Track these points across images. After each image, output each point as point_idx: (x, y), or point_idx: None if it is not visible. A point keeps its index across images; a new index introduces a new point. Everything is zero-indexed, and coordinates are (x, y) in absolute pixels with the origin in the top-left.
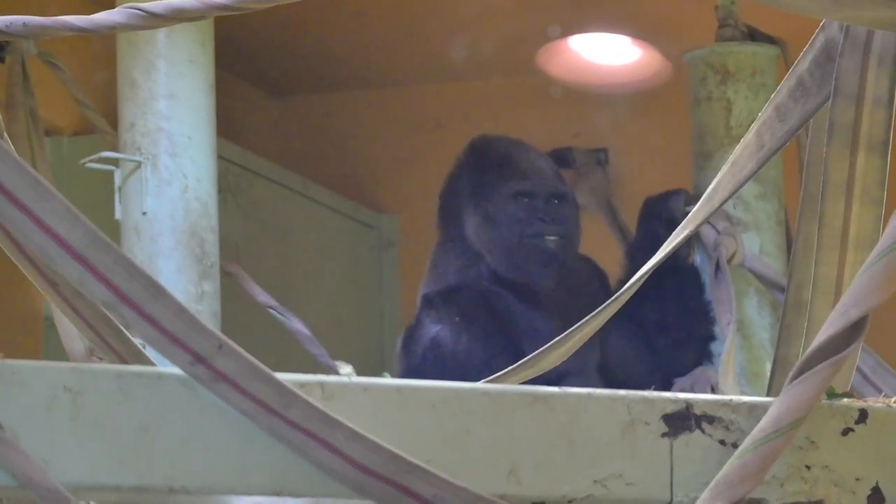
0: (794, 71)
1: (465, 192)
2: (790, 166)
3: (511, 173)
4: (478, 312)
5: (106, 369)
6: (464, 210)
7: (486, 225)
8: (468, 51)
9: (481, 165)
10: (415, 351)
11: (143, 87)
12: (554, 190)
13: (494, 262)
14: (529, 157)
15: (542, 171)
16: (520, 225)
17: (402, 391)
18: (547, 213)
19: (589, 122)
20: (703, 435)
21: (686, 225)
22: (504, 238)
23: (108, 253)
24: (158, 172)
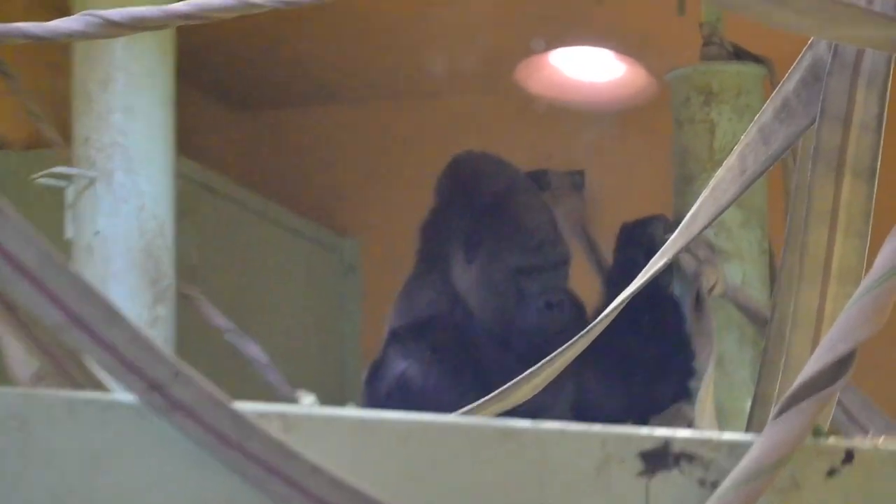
0: (779, 91)
1: (455, 237)
2: (775, 192)
3: (513, 236)
4: (448, 348)
5: (56, 396)
6: (452, 255)
7: (480, 288)
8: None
9: (475, 209)
10: (380, 388)
11: (98, 99)
12: (559, 258)
13: (482, 319)
14: (531, 213)
15: (546, 233)
16: (523, 312)
17: (367, 423)
18: (552, 298)
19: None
20: (681, 474)
21: (664, 252)
22: (502, 316)
23: (61, 274)
24: (113, 190)
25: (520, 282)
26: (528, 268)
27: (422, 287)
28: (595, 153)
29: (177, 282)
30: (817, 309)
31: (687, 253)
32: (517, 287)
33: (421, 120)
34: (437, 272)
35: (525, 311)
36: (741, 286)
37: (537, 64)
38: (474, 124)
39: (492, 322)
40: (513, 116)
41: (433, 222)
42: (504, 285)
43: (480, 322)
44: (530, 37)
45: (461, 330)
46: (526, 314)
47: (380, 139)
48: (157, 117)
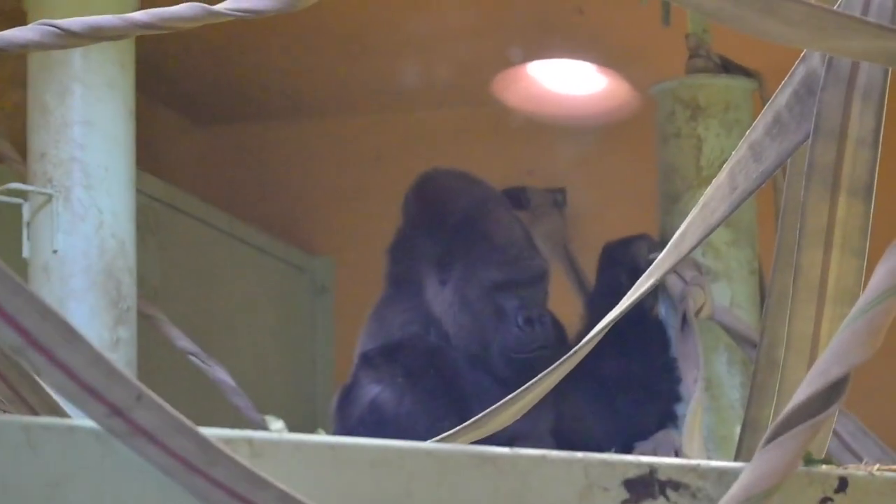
0: (771, 106)
1: (426, 258)
2: (765, 210)
3: (487, 252)
4: (422, 373)
5: (11, 420)
6: (423, 277)
7: (456, 309)
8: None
9: (445, 228)
10: (351, 413)
11: (55, 112)
12: (536, 272)
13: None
14: (504, 228)
15: (521, 247)
16: (503, 330)
17: (337, 449)
18: (532, 314)
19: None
20: (667, 503)
21: (651, 273)
22: (481, 336)
23: (17, 293)
24: (71, 207)
25: (497, 299)
26: (504, 283)
27: (393, 310)
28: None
29: (138, 302)
30: (812, 332)
31: (673, 274)
32: (495, 305)
33: (394, 134)
34: (408, 294)
35: (504, 328)
36: (729, 308)
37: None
38: (450, 139)
39: (470, 344)
40: (490, 131)
41: (402, 243)
42: (481, 304)
43: (457, 345)
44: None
45: (436, 353)
46: (505, 332)
47: (352, 154)
48: (116, 131)
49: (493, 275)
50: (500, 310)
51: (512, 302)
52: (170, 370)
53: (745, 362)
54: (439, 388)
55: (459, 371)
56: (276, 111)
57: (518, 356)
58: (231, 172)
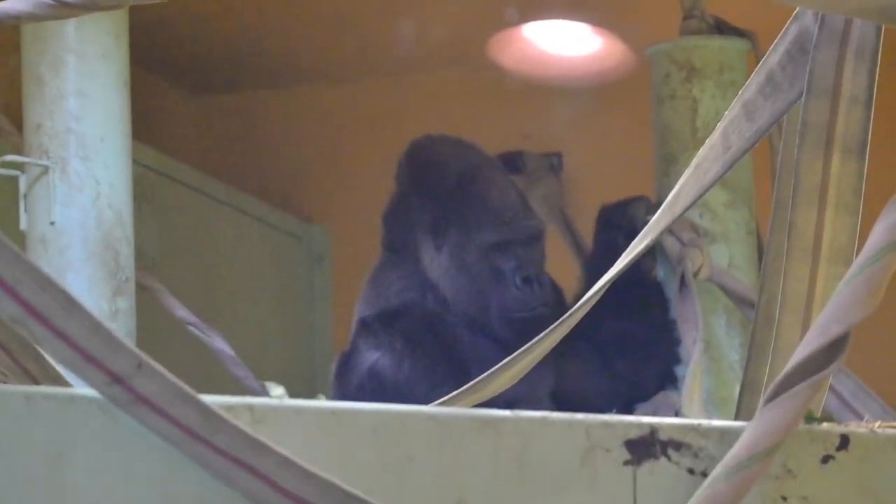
0: (763, 65)
1: (421, 224)
2: (762, 171)
3: (482, 215)
4: (421, 338)
5: (13, 391)
6: (420, 241)
7: (453, 273)
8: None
9: (438, 193)
10: (350, 380)
11: (50, 84)
12: (532, 232)
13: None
14: (498, 189)
15: (516, 207)
16: (501, 291)
17: (338, 414)
18: (529, 273)
19: (541, 122)
20: (669, 463)
21: (646, 234)
22: (479, 299)
23: (16, 264)
24: (68, 178)
25: (494, 260)
26: (500, 244)
27: (390, 276)
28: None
29: (136, 273)
30: (807, 290)
31: (671, 235)
32: (492, 266)
33: (389, 100)
34: (404, 261)
35: (502, 289)
36: (727, 269)
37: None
38: (445, 103)
39: (468, 307)
40: (485, 95)
41: (396, 210)
42: (478, 266)
43: (455, 309)
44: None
45: (434, 319)
46: (504, 293)
47: (346, 121)
48: (111, 102)
49: (489, 236)
50: (498, 271)
51: (509, 263)
52: (169, 341)
53: (743, 323)
54: (437, 353)
55: (458, 336)
56: (270, 79)
57: (517, 316)
58: (227, 141)
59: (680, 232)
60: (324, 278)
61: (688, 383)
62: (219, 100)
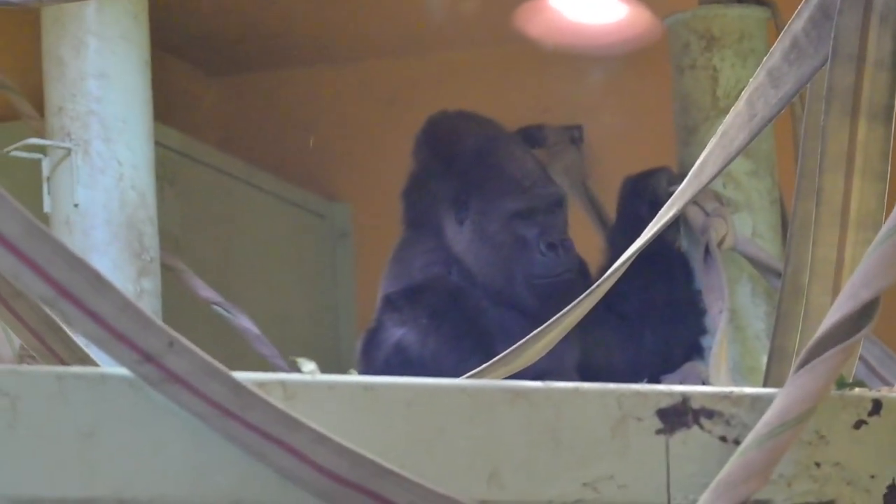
0: (787, 31)
1: (442, 200)
2: (783, 140)
3: (502, 184)
4: (446, 313)
5: (46, 371)
6: (441, 216)
7: (477, 245)
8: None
9: (458, 167)
10: (377, 356)
11: (71, 66)
12: (553, 198)
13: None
14: (516, 159)
15: (534, 174)
16: (526, 259)
17: (370, 389)
18: (553, 238)
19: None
20: (701, 431)
21: (672, 205)
22: (504, 269)
23: (45, 243)
24: (90, 160)
25: (517, 229)
26: (523, 211)
27: (413, 252)
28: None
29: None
30: (836, 257)
31: (694, 205)
32: (515, 234)
33: (410, 76)
34: (427, 236)
35: (527, 256)
36: (752, 238)
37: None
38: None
39: (493, 278)
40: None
41: (416, 187)
42: (501, 235)
43: (481, 282)
44: None
45: (458, 293)
46: (529, 259)
47: (367, 98)
48: (132, 83)
49: (511, 204)
50: (522, 238)
51: (532, 230)
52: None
53: (768, 292)
54: (463, 327)
55: (483, 309)
56: (291, 58)
57: (543, 282)
58: (248, 121)
59: (703, 202)
60: (347, 255)
61: (714, 353)
62: (239, 79)
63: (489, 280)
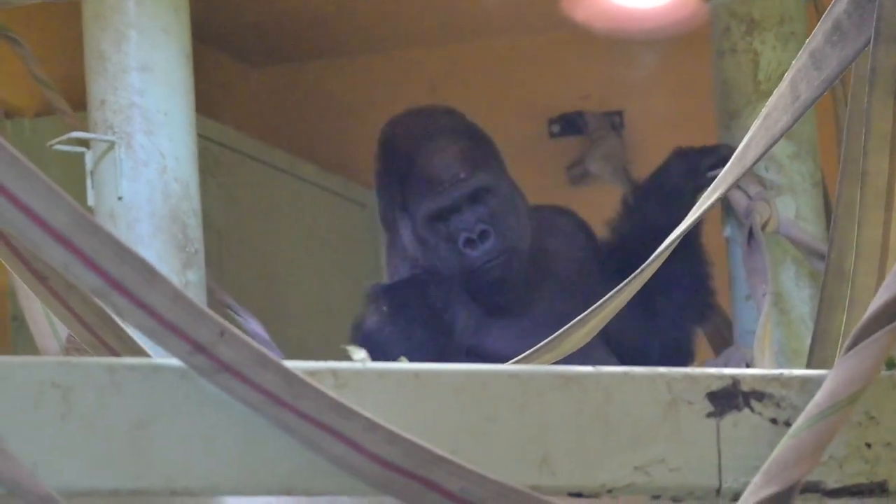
0: (829, 13)
1: (394, 203)
2: (825, 123)
3: (419, 186)
4: (405, 302)
5: (97, 362)
6: (398, 220)
7: (419, 248)
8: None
9: (397, 168)
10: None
11: (112, 59)
12: (463, 193)
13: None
14: (435, 158)
15: (447, 173)
16: (451, 261)
17: (420, 376)
18: (468, 234)
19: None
20: (752, 413)
21: (715, 188)
22: (446, 270)
23: (95, 235)
24: (133, 153)
25: (437, 230)
26: (435, 213)
27: (391, 254)
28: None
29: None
30: (881, 238)
31: (737, 189)
32: (437, 236)
33: (449, 65)
34: (395, 238)
35: (453, 255)
36: (795, 221)
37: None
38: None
39: (441, 276)
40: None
41: (377, 191)
42: (429, 238)
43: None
44: None
45: (424, 284)
46: (455, 258)
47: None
48: (174, 76)
49: (425, 208)
50: (444, 238)
51: (450, 228)
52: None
53: (812, 275)
54: (420, 318)
55: (443, 303)
56: (329, 49)
57: (473, 276)
58: (288, 112)
59: (746, 185)
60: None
61: (758, 336)
62: (280, 70)
63: (441, 276)
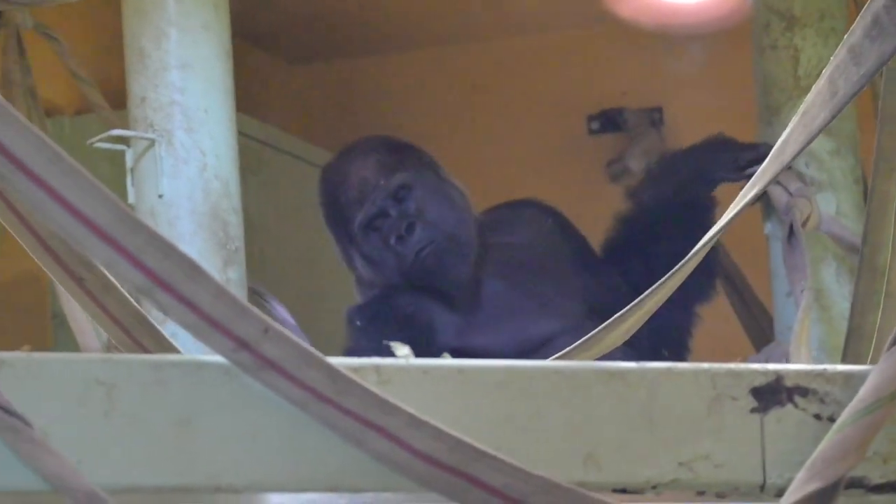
0: (868, 8)
1: (344, 238)
2: (865, 120)
3: (351, 210)
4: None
5: (141, 359)
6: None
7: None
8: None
9: (333, 206)
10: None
11: (153, 57)
12: (383, 195)
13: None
14: (350, 178)
15: (366, 182)
16: (393, 265)
17: (464, 372)
18: (399, 229)
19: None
20: (796, 409)
21: (754, 184)
22: (388, 275)
23: (138, 232)
24: (174, 150)
25: (376, 240)
26: (364, 223)
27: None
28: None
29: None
30: None
31: (777, 186)
32: (378, 245)
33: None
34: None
35: (392, 257)
36: (835, 217)
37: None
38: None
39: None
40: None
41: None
42: (374, 253)
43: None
44: None
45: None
46: (394, 258)
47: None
48: (214, 73)
49: (358, 223)
50: (383, 245)
51: (383, 234)
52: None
53: (853, 271)
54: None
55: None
56: (370, 46)
57: (414, 269)
58: (328, 109)
59: (787, 182)
60: None
61: (796, 332)
62: (321, 67)
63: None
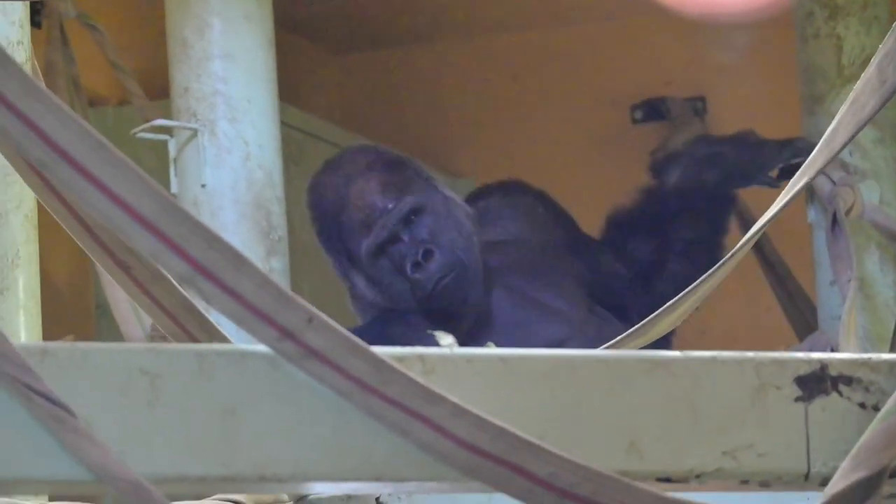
0: None
1: (342, 256)
2: None
3: (354, 233)
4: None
5: (186, 349)
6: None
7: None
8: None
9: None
10: None
11: (195, 47)
12: (393, 221)
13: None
14: (351, 199)
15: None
16: (406, 293)
17: (508, 361)
18: (415, 255)
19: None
20: (840, 398)
21: (804, 172)
22: (398, 300)
23: (182, 221)
24: (217, 140)
25: (386, 266)
26: (378, 249)
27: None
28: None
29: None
30: None
31: (821, 174)
32: (389, 272)
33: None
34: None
35: (406, 284)
36: (879, 206)
37: None
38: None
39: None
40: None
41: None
42: (384, 278)
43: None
44: None
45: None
46: (412, 286)
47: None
48: (257, 63)
49: (366, 250)
50: (394, 271)
51: (394, 260)
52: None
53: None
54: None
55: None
56: (412, 35)
57: (433, 299)
58: (371, 98)
59: (830, 171)
60: None
61: (844, 322)
62: (363, 57)
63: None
